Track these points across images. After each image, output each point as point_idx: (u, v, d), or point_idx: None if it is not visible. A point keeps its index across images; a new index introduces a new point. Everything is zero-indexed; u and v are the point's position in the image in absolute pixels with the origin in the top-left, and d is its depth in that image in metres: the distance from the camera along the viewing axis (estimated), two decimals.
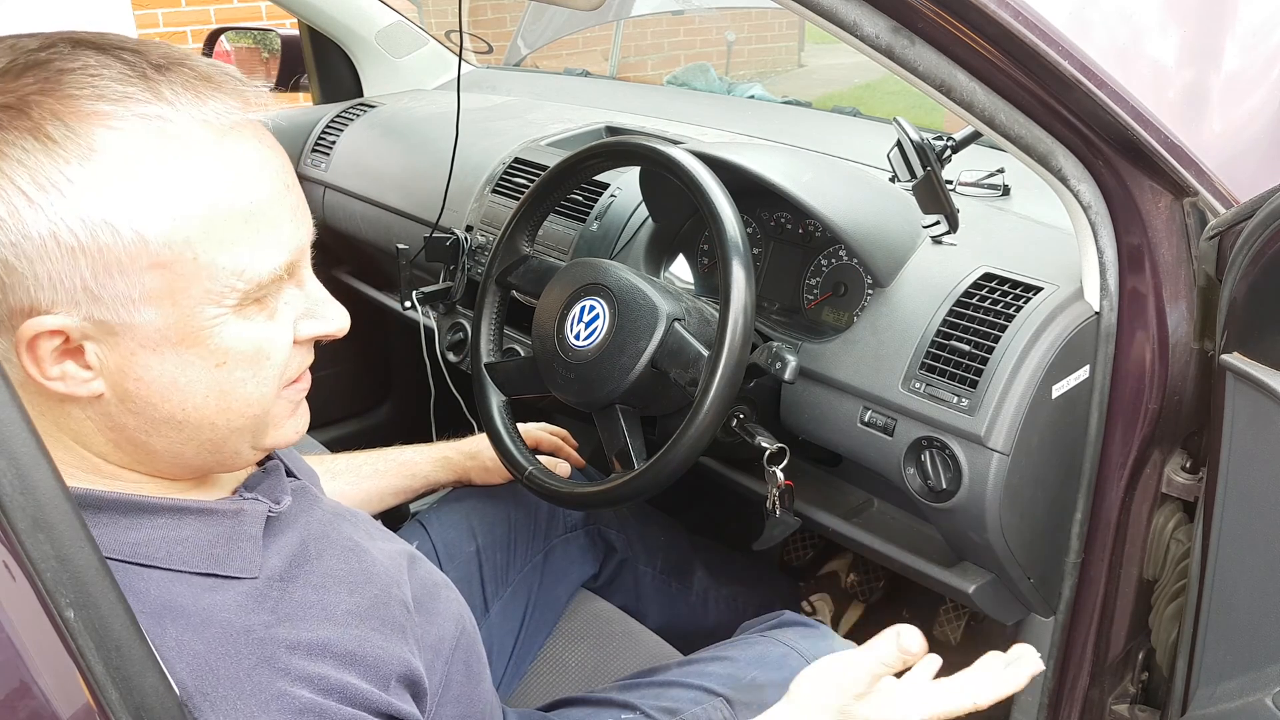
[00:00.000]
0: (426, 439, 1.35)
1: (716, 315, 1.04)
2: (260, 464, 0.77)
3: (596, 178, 1.43)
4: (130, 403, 0.62)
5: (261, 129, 0.64)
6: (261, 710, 0.60)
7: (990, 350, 1.01)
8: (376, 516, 1.17)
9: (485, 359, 1.27)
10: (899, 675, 0.79)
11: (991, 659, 0.81)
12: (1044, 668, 0.85)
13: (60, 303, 0.57)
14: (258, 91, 0.63)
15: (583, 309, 1.14)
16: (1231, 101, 0.99)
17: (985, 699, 0.77)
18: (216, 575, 0.64)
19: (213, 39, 2.30)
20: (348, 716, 0.64)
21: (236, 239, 0.61)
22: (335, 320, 0.70)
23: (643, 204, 1.36)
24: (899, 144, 1.06)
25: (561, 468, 1.25)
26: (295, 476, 0.78)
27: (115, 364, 0.60)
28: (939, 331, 1.06)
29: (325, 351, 0.73)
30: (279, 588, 0.67)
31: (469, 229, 1.60)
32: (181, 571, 0.63)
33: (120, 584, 0.59)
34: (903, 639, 0.75)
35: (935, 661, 0.81)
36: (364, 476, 1.17)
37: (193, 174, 0.59)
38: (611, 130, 1.75)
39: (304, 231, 0.66)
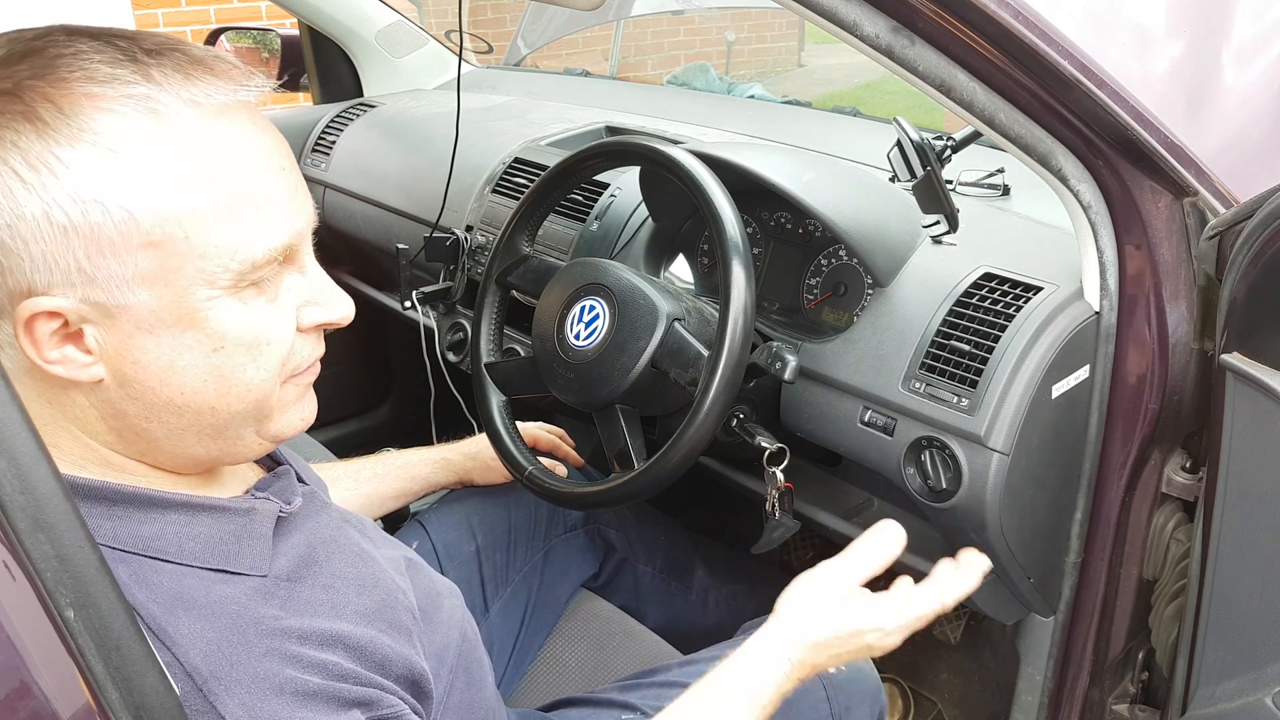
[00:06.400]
0: (426, 439, 1.35)
1: (716, 315, 1.04)
2: (270, 468, 0.77)
3: (596, 178, 1.43)
4: (129, 387, 0.62)
5: (254, 111, 0.64)
6: (275, 695, 0.61)
7: (990, 350, 1.01)
8: (376, 519, 1.18)
9: (485, 359, 1.27)
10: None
11: (946, 565, 0.90)
12: (991, 565, 0.93)
13: (56, 284, 0.58)
14: (249, 74, 0.63)
15: (583, 309, 1.13)
16: (1232, 101, 0.99)
17: (950, 600, 0.87)
18: (226, 571, 0.65)
19: (213, 39, 2.30)
20: (358, 695, 0.65)
21: (227, 219, 0.61)
22: (339, 308, 0.70)
23: (643, 204, 1.36)
24: (899, 144, 1.06)
25: (559, 469, 1.25)
26: (304, 483, 0.78)
27: (114, 347, 0.61)
28: (939, 331, 1.06)
29: (326, 351, 0.73)
30: (286, 587, 0.67)
31: (469, 229, 1.60)
32: (192, 566, 0.64)
33: (133, 576, 0.60)
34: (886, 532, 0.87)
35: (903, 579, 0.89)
36: (363, 481, 1.17)
37: (180, 153, 0.59)
38: (611, 130, 1.75)
39: (303, 216, 0.66)
